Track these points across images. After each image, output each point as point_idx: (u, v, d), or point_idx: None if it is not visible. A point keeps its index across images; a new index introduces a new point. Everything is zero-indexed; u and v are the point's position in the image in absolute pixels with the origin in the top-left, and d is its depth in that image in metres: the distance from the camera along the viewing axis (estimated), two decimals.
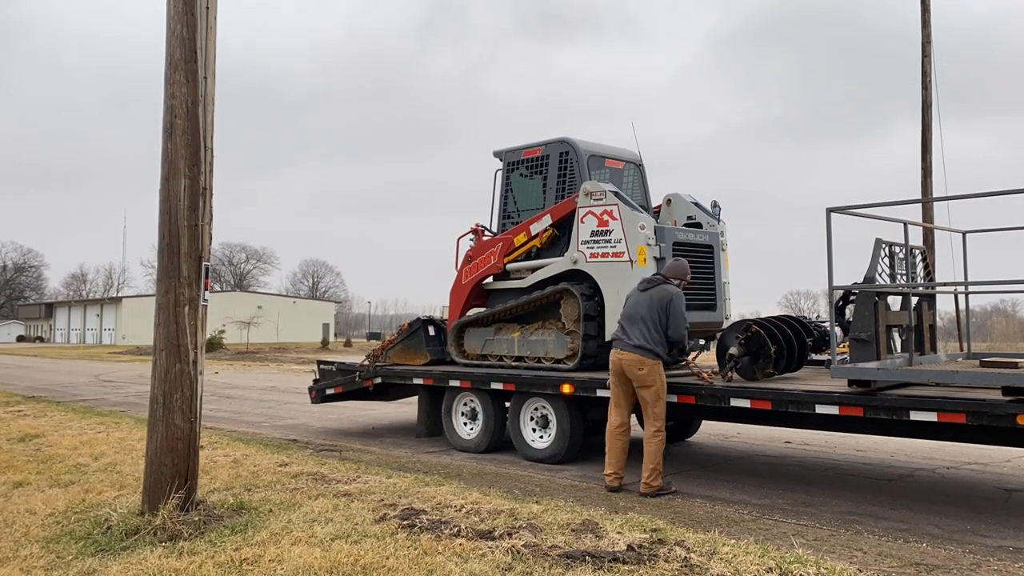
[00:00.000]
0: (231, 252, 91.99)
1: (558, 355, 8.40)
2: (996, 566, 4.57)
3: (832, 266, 5.91)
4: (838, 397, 5.96)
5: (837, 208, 5.97)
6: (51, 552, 4.62)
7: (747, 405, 6.53)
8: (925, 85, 14.08)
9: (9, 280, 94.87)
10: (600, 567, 4.20)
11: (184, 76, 5.24)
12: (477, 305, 9.58)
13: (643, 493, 6.45)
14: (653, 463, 6.47)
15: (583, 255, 8.29)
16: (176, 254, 5.19)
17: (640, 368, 6.51)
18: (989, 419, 5.26)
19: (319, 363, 11.24)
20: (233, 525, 5.03)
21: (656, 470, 6.47)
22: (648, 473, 6.48)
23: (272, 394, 17.08)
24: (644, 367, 6.50)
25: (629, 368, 6.55)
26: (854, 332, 6.34)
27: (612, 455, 6.69)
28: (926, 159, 13.98)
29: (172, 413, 5.15)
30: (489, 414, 8.64)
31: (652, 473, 6.46)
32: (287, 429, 10.99)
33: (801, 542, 4.95)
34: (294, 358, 36.25)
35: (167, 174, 5.24)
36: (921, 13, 14.21)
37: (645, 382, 6.52)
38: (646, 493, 6.44)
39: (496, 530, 4.89)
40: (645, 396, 6.56)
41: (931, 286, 7.87)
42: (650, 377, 6.50)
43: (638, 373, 6.52)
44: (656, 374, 6.53)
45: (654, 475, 6.46)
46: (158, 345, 5.22)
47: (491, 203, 9.75)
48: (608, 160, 9.26)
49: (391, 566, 4.22)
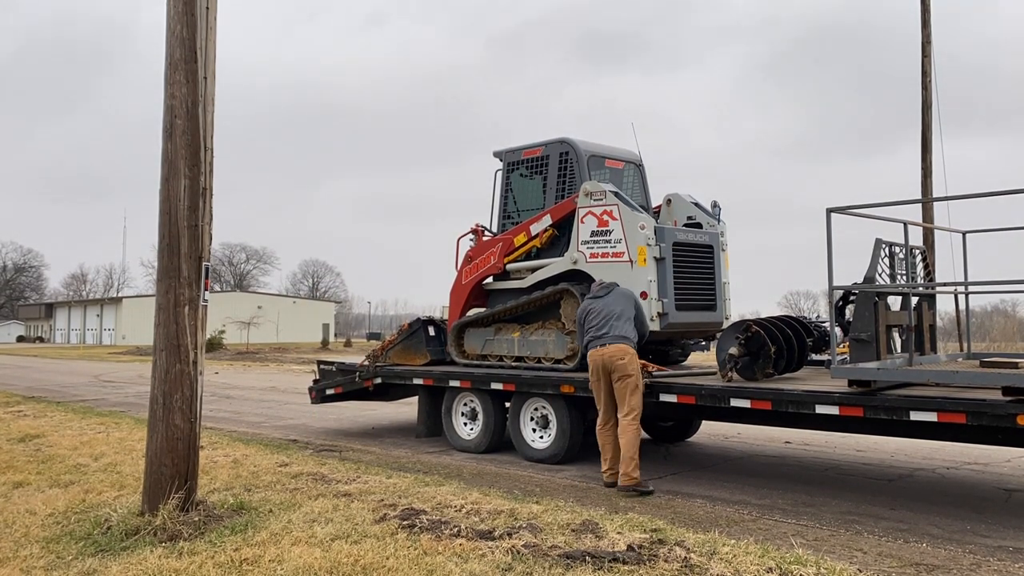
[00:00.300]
0: (231, 252, 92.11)
1: (558, 355, 8.40)
2: (996, 566, 4.57)
3: (832, 266, 5.91)
4: (838, 397, 5.96)
5: (837, 208, 5.97)
6: (51, 552, 4.62)
7: (747, 405, 6.53)
8: (925, 85, 14.08)
9: (9, 280, 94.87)
10: (600, 567, 4.20)
11: (184, 76, 5.24)
12: (477, 305, 9.58)
13: (622, 486, 6.49)
14: (630, 452, 6.51)
15: (583, 255, 8.29)
16: (176, 254, 5.20)
17: (622, 358, 6.66)
18: (989, 419, 5.26)
19: (319, 363, 11.24)
20: (233, 525, 5.03)
21: (634, 460, 6.49)
22: (626, 463, 6.50)
23: (272, 394, 17.08)
24: (626, 356, 6.68)
25: (611, 359, 6.68)
26: (854, 332, 6.34)
27: (606, 452, 6.81)
28: (926, 159, 13.97)
29: (172, 413, 5.15)
30: (489, 414, 8.64)
31: (630, 463, 6.48)
32: (287, 429, 10.99)
33: (801, 542, 4.95)
34: (294, 358, 36.25)
35: (167, 174, 5.24)
36: (921, 13, 14.21)
37: (626, 371, 6.64)
38: (626, 486, 6.47)
39: (496, 530, 4.89)
40: (623, 386, 6.65)
41: (931, 286, 7.87)
42: (631, 366, 6.66)
43: (619, 363, 6.65)
44: (635, 363, 6.72)
45: (632, 465, 6.48)
46: (158, 345, 5.22)
47: (491, 203, 9.77)
48: (608, 160, 9.26)
49: (391, 566, 4.22)
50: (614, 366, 6.68)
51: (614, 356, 6.68)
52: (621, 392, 6.68)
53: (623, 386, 6.66)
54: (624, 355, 6.68)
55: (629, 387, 6.65)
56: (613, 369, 6.69)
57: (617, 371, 6.67)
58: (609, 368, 6.71)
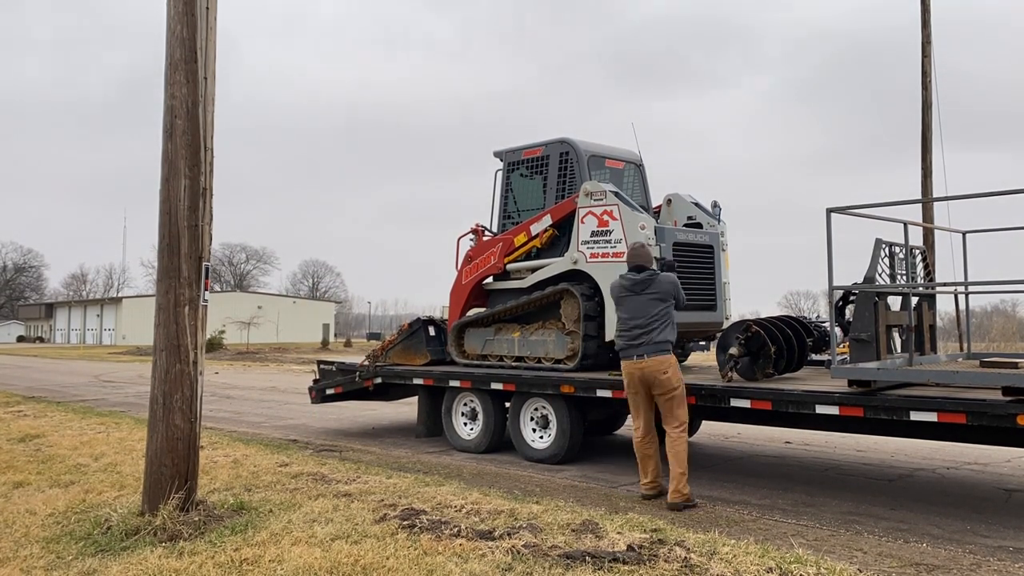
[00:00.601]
0: (231, 252, 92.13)
1: (558, 355, 8.40)
2: (996, 566, 4.57)
3: (832, 266, 5.91)
4: (838, 397, 5.95)
5: (837, 208, 5.97)
6: (51, 552, 4.62)
7: (747, 405, 6.52)
8: (925, 85, 14.08)
9: (9, 280, 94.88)
10: (600, 567, 4.20)
11: (184, 76, 5.24)
12: (477, 305, 9.58)
13: (672, 502, 6.03)
14: (682, 467, 6.06)
15: (583, 255, 8.29)
16: (176, 254, 5.20)
17: (665, 371, 6.17)
18: (989, 419, 5.25)
19: (319, 363, 11.25)
20: (233, 525, 5.03)
21: (686, 475, 6.08)
22: (678, 480, 6.05)
23: (272, 394, 17.08)
24: (669, 369, 6.18)
25: (652, 374, 6.18)
26: (854, 332, 6.34)
27: (647, 464, 6.37)
28: (926, 159, 13.97)
29: (172, 413, 5.15)
30: (489, 414, 8.64)
31: (682, 479, 6.05)
32: (287, 429, 10.99)
33: (801, 542, 4.95)
34: (294, 358, 36.26)
35: (167, 174, 5.24)
36: (921, 13, 14.22)
37: (671, 384, 6.18)
38: (676, 502, 6.00)
39: (496, 530, 4.89)
40: (669, 400, 6.22)
41: (931, 286, 7.86)
42: (675, 378, 6.21)
43: (662, 378, 6.16)
44: (678, 374, 6.27)
45: (684, 481, 6.05)
46: (158, 345, 5.22)
47: (491, 203, 9.77)
48: (608, 160, 9.26)
49: (391, 566, 4.22)
50: (656, 381, 6.18)
51: (656, 371, 6.16)
52: (667, 406, 6.23)
53: (669, 400, 6.21)
54: (667, 368, 6.16)
55: (676, 400, 6.21)
56: (654, 384, 6.20)
57: (660, 386, 6.18)
58: (649, 382, 6.22)
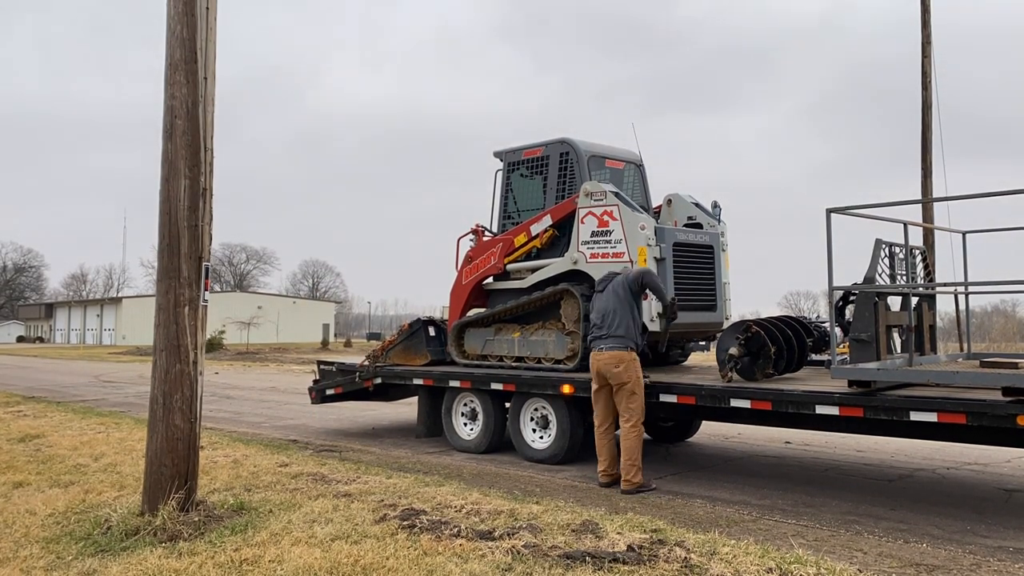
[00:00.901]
0: (231, 252, 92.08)
1: (558, 355, 8.40)
2: (996, 566, 4.57)
3: (832, 266, 5.91)
4: (838, 398, 5.96)
5: (837, 208, 5.97)
6: (51, 552, 4.62)
7: (747, 405, 6.53)
8: (925, 85, 14.07)
9: (9, 280, 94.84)
10: (600, 567, 4.20)
11: (184, 77, 5.24)
12: (477, 305, 9.58)
13: (624, 491, 6.54)
14: (631, 458, 6.55)
15: (583, 255, 8.29)
16: (176, 254, 5.20)
17: (617, 366, 6.64)
18: (989, 420, 5.26)
19: (319, 363, 11.24)
20: (233, 525, 5.03)
21: (635, 466, 6.56)
22: (627, 470, 6.56)
23: (272, 394, 17.08)
24: (621, 363, 6.64)
25: (606, 367, 6.69)
26: (854, 332, 6.34)
27: (603, 453, 6.88)
28: (926, 159, 13.96)
29: (172, 413, 5.15)
30: (489, 414, 8.64)
31: (631, 469, 6.55)
32: (287, 429, 10.99)
33: (801, 542, 4.95)
34: (294, 358, 36.25)
35: (167, 175, 5.24)
36: (921, 13, 14.21)
37: (621, 379, 6.64)
38: (627, 491, 6.52)
39: (496, 530, 4.89)
40: (620, 393, 6.69)
41: (931, 286, 7.86)
42: (626, 374, 6.63)
43: (615, 371, 6.65)
44: (632, 370, 6.67)
45: (634, 471, 6.55)
46: (158, 346, 5.22)
47: (491, 203, 9.77)
48: (608, 160, 9.26)
49: (391, 566, 4.22)
50: (610, 374, 6.69)
51: (609, 364, 6.68)
52: (619, 399, 6.72)
53: (620, 393, 6.69)
54: (619, 363, 6.64)
55: (625, 393, 6.67)
56: (610, 376, 6.71)
57: (613, 379, 6.69)
58: (605, 375, 6.74)
